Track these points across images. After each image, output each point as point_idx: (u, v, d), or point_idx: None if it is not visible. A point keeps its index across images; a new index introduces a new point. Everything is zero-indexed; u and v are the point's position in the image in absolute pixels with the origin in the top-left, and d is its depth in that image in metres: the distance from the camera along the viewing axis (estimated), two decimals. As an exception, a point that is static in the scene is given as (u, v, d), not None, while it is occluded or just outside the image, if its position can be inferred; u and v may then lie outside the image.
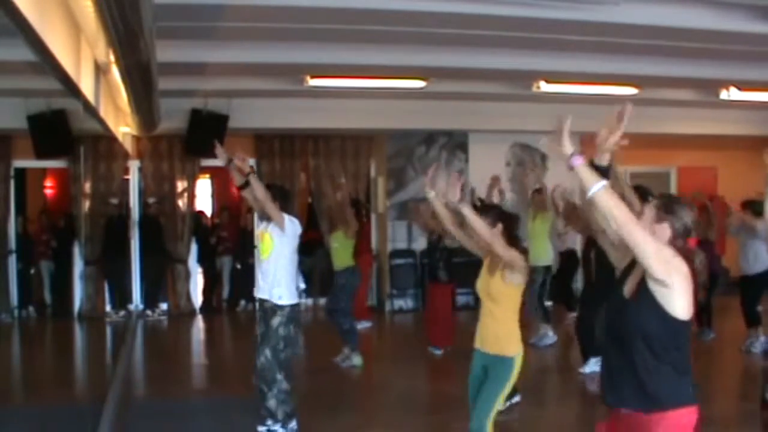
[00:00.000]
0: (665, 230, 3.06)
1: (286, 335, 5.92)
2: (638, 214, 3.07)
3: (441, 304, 9.27)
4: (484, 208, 5.16)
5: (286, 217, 5.96)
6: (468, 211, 4.58)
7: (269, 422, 6.05)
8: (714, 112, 12.41)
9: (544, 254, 9.53)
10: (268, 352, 5.91)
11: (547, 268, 9.67)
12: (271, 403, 5.97)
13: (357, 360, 8.77)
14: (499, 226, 4.72)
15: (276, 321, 5.91)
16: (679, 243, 3.06)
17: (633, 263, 3.15)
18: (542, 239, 9.54)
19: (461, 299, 11.97)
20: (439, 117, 12.14)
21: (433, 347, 9.34)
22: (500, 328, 4.66)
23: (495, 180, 9.41)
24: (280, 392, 5.93)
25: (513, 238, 4.75)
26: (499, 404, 4.61)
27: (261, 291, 6.09)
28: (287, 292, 5.96)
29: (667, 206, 3.10)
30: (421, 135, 12.84)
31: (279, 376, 5.90)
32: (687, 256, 3.03)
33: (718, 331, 10.00)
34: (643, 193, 5.27)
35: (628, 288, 3.12)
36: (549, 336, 9.62)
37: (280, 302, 5.93)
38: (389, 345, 11.35)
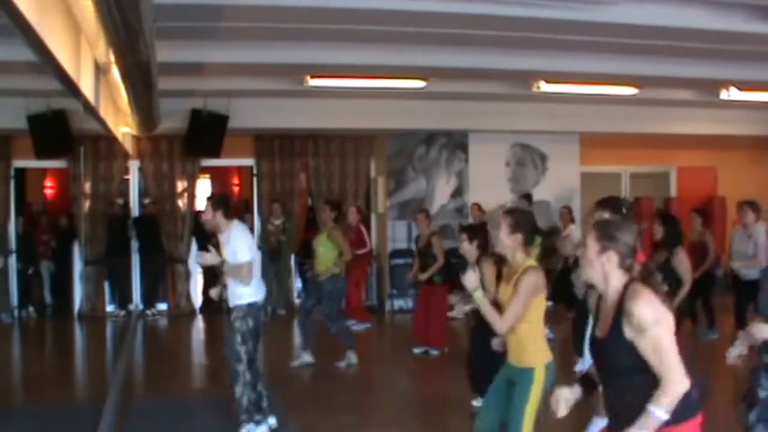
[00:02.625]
0: (611, 258, 3.07)
1: (243, 330, 6.08)
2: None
3: (436, 306, 9.20)
4: (509, 211, 4.71)
5: (233, 231, 6.13)
6: None
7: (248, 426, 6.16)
8: (714, 112, 12.41)
9: None
10: (227, 347, 6.18)
11: None
12: (235, 390, 6.12)
13: (353, 358, 8.77)
14: (519, 236, 4.36)
15: (232, 316, 6.16)
16: (628, 263, 3.07)
17: (600, 302, 3.19)
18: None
19: (460, 300, 11.95)
20: (439, 117, 12.14)
21: (422, 348, 9.33)
22: (522, 339, 4.38)
23: None
24: (246, 384, 6.09)
25: (547, 251, 4.49)
26: (531, 417, 4.29)
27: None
28: (243, 292, 6.14)
29: (606, 235, 3.09)
30: (421, 135, 12.84)
31: (240, 368, 6.06)
32: (646, 280, 3.06)
33: (720, 331, 9.98)
34: (615, 206, 4.91)
35: (600, 328, 3.15)
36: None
37: (238, 302, 6.15)
38: (389, 345, 11.34)
